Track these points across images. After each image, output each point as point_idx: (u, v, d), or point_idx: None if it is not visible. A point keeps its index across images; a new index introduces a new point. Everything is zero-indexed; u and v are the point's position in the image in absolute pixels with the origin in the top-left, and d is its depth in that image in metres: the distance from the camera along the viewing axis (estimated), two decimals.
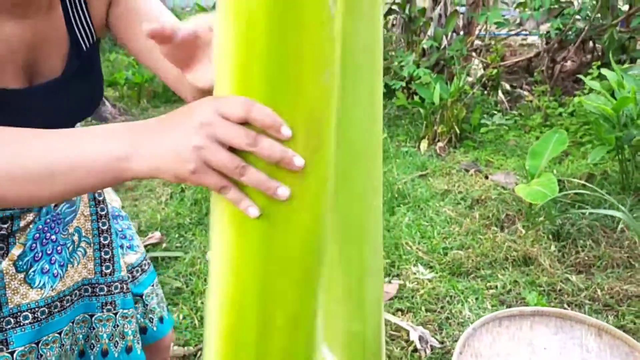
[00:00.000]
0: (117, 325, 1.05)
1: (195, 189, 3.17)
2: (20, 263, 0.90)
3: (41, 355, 0.92)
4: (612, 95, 3.12)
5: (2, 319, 0.88)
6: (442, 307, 2.14)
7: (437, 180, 3.53)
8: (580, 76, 3.45)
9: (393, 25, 5.89)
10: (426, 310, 2.11)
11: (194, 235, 2.79)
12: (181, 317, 2.15)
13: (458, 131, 4.28)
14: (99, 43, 0.93)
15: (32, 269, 0.91)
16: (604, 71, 3.24)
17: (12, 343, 0.89)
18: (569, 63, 5.04)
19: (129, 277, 1.08)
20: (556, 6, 4.40)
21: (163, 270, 2.44)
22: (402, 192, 3.23)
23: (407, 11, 5.42)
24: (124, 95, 5.70)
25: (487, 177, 3.48)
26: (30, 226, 0.91)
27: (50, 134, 0.62)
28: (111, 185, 0.63)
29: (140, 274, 1.13)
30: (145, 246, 2.59)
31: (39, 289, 0.92)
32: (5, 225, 0.89)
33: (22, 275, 0.90)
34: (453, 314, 2.09)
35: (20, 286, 0.90)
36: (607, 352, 1.61)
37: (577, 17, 4.32)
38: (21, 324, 0.90)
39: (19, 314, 0.90)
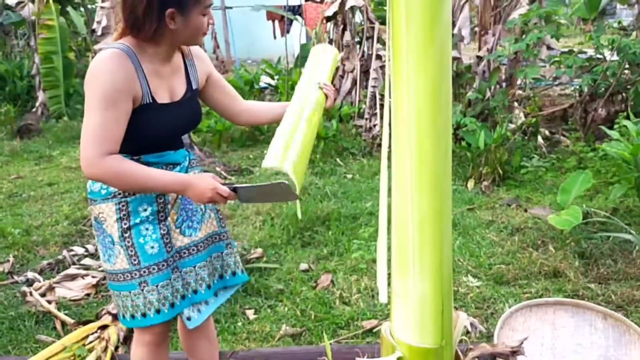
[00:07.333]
0: (235, 257, 1.88)
1: (284, 217, 3.90)
2: (177, 223, 1.70)
3: (184, 279, 1.72)
4: None
5: (175, 254, 1.69)
6: (487, 306, 2.76)
7: (483, 212, 4.16)
8: (603, 127, 4.06)
9: None
10: (475, 308, 2.74)
11: (286, 252, 3.49)
12: (286, 309, 2.84)
13: (501, 172, 4.90)
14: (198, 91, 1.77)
15: (183, 226, 1.72)
16: (625, 122, 3.85)
17: (179, 266, 1.70)
18: (602, 112, 5.63)
19: None
20: (587, 64, 5.03)
21: (267, 277, 3.15)
22: (453, 222, 3.88)
23: (454, 67, 6.13)
24: (206, 140, 6.57)
25: (526, 211, 4.09)
26: (178, 201, 1.70)
27: (152, 170, 1.54)
28: None
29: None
30: (250, 259, 3.32)
31: (188, 237, 1.72)
32: (161, 201, 1.67)
33: (178, 230, 1.71)
34: (496, 310, 2.71)
35: (178, 236, 1.71)
36: (610, 330, 2.20)
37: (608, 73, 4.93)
38: (183, 257, 1.71)
39: (180, 251, 1.71)
